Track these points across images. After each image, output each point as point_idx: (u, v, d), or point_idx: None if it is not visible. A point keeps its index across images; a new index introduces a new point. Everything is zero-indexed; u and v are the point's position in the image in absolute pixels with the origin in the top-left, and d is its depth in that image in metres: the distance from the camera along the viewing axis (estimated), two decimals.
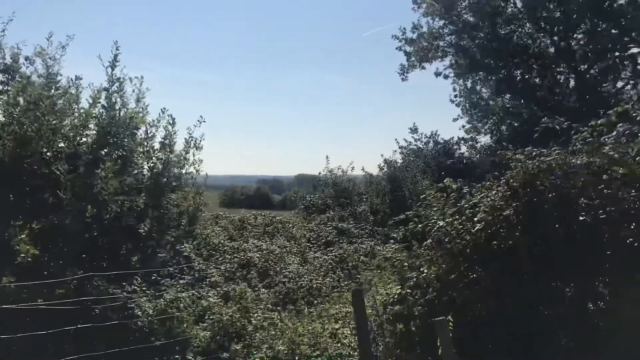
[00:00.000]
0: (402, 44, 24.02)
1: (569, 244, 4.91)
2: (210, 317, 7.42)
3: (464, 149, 23.76)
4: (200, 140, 7.70)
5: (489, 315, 5.46)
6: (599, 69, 22.94)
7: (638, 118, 5.09)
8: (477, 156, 22.31)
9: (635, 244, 4.43)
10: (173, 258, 7.55)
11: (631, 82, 22.71)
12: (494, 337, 5.44)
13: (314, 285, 9.76)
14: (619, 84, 22.69)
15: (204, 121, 7.73)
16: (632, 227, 4.45)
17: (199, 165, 7.73)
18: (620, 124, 5.13)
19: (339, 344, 6.48)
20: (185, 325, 6.82)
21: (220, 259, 11.10)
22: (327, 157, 20.88)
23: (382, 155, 21.51)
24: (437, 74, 24.32)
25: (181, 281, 7.46)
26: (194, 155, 7.68)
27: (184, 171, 7.67)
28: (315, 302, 9.31)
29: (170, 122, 7.55)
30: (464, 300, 5.58)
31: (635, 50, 22.34)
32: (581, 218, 4.83)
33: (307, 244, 13.42)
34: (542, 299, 5.38)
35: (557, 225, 5.00)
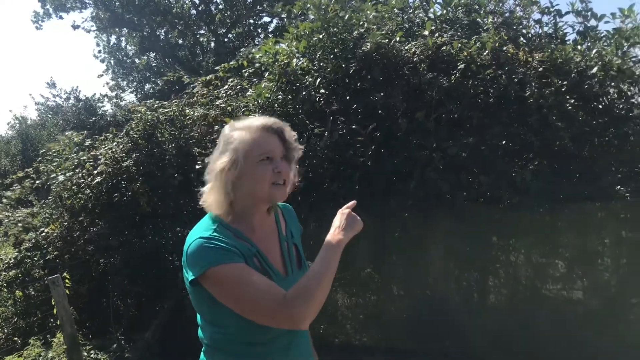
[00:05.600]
0: None
1: (186, 192, 5.15)
2: None
3: (108, 106, 22.93)
4: None
5: (115, 267, 5.43)
6: (236, 33, 24.59)
7: (247, 74, 5.58)
8: (122, 113, 21.77)
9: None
10: None
11: None
12: (122, 287, 5.46)
13: None
14: (254, 50, 24.68)
15: None
16: None
17: None
18: (232, 79, 5.56)
19: None
20: None
21: None
22: None
23: (11, 111, 19.31)
24: (75, 27, 22.71)
25: None
26: None
27: None
28: None
29: None
30: (88, 255, 5.42)
31: (267, 19, 24.70)
32: (197, 167, 5.06)
33: None
34: (166, 246, 5.59)
35: (176, 175, 5.18)
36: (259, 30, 24.84)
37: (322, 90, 4.70)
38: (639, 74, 4.78)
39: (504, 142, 4.39)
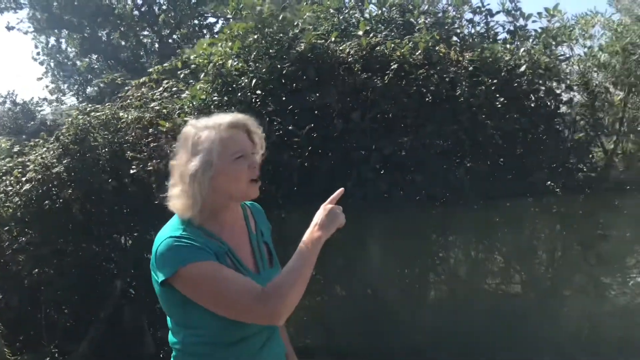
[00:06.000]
0: None
1: (121, 197, 5.03)
2: None
3: (48, 110, 22.16)
4: None
5: (49, 277, 5.25)
6: (181, 34, 24.19)
7: (182, 76, 5.47)
8: (64, 118, 21.08)
9: None
10: None
11: None
12: (56, 298, 5.29)
13: None
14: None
15: None
16: None
17: None
18: (166, 80, 5.44)
19: None
20: None
21: None
22: None
23: None
24: (10, 28, 21.91)
25: None
26: None
27: None
28: None
29: None
30: (19, 266, 5.22)
31: (212, 19, 24.39)
32: (132, 171, 4.93)
33: None
34: (103, 253, 5.44)
35: (110, 180, 5.04)
36: (205, 31, 24.48)
37: (258, 91, 4.64)
38: (568, 71, 4.95)
39: (440, 142, 4.45)
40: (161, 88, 5.40)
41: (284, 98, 4.54)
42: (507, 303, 5.24)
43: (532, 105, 4.46)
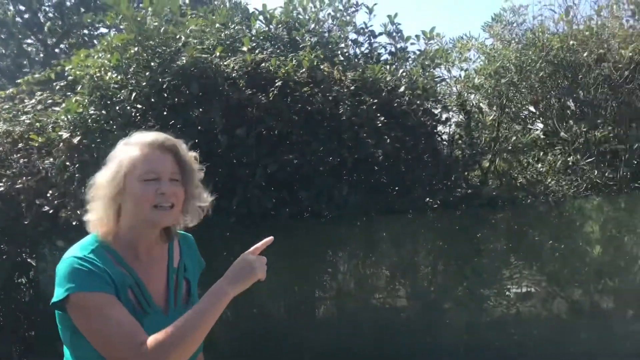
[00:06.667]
0: None
1: None
2: None
3: None
4: None
5: None
6: (69, 44, 23.03)
7: (58, 88, 5.17)
8: None
9: (51, 211, 4.46)
10: None
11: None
12: None
13: None
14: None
15: None
16: (48, 195, 4.47)
17: None
18: (40, 92, 5.13)
19: None
20: None
21: None
22: None
23: None
24: None
25: None
26: None
27: None
28: None
29: None
30: None
31: (104, 30, 23.41)
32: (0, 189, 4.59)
33: None
34: None
35: None
36: (95, 42, 23.45)
37: (139, 105, 4.46)
38: (448, 92, 5.18)
39: (329, 158, 4.48)
40: (34, 100, 5.07)
41: (165, 112, 4.40)
42: (393, 317, 5.36)
43: (412, 124, 4.60)
